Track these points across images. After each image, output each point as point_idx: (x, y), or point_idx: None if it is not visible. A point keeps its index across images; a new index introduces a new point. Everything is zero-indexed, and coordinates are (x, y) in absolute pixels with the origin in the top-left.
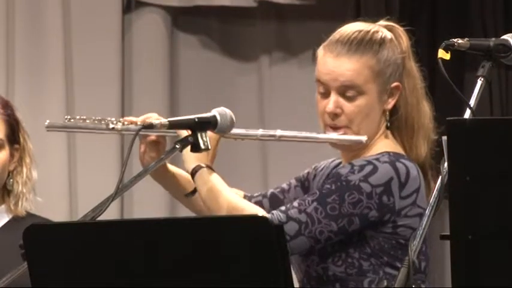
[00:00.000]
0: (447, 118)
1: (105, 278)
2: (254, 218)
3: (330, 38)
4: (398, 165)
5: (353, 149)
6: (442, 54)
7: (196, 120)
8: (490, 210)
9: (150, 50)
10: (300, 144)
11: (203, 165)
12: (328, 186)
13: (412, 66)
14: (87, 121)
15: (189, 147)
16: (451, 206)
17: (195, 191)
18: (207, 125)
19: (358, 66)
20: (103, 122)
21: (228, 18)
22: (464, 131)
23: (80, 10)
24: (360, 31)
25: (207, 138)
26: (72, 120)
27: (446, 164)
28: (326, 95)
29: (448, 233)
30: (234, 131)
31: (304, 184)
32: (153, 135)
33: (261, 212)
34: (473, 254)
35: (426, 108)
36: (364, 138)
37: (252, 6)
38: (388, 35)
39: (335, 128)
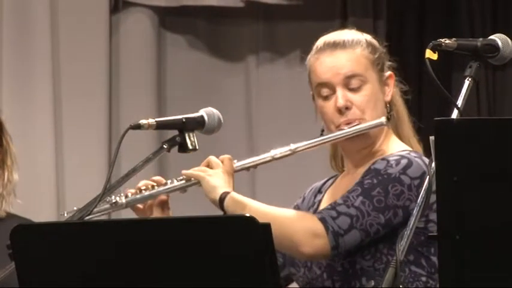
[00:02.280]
0: (434, 118)
1: (93, 278)
2: (241, 217)
3: (316, 46)
4: (424, 161)
5: (370, 143)
6: (430, 54)
7: (184, 120)
8: (478, 210)
9: (138, 50)
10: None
11: (230, 190)
12: (369, 180)
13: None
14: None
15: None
16: (439, 206)
17: None
18: (194, 125)
19: (354, 56)
20: (107, 200)
21: (215, 18)
22: (452, 131)
23: (67, 10)
24: (342, 33)
25: (195, 138)
26: (68, 214)
27: (433, 164)
28: (330, 96)
29: (436, 233)
30: (245, 160)
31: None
32: (163, 196)
33: (309, 213)
34: (461, 254)
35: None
36: (383, 119)
37: (239, 6)
38: (367, 35)
39: (348, 124)
